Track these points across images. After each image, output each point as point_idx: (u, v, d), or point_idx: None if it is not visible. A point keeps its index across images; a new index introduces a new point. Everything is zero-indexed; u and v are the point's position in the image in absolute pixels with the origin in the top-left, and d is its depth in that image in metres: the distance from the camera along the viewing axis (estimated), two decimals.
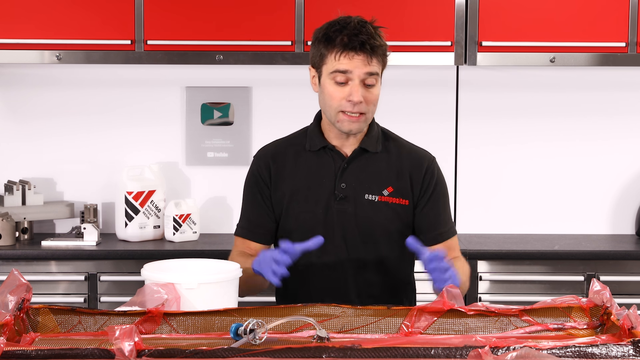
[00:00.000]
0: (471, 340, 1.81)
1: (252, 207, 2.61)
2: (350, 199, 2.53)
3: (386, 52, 2.48)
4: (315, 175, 2.56)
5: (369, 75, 2.43)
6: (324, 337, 1.85)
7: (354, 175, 2.54)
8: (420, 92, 4.17)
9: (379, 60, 2.45)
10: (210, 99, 4.18)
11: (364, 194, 2.54)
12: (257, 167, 2.62)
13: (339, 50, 2.42)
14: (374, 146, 2.57)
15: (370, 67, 2.42)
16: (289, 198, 2.56)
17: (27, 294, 1.94)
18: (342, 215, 2.53)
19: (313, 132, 2.59)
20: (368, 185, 2.54)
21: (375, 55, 2.43)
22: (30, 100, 4.16)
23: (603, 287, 2.00)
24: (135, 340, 1.67)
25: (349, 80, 2.43)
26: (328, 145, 2.56)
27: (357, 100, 2.42)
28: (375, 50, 2.43)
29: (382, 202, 2.54)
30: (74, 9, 3.80)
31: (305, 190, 2.55)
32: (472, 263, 3.70)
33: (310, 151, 2.58)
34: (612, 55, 3.82)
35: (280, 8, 3.80)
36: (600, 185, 4.22)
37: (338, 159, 2.55)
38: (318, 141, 2.57)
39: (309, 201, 2.54)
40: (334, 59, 2.43)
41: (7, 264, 3.67)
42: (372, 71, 2.43)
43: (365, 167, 2.55)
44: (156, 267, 2.25)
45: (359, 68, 2.42)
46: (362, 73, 2.42)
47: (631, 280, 3.73)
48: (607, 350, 1.70)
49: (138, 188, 3.97)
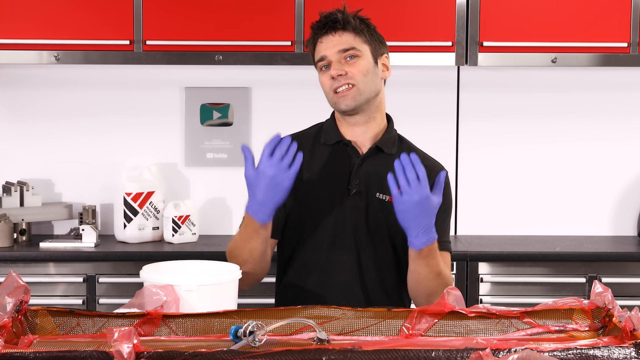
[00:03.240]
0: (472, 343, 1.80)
1: None
2: (362, 196, 2.54)
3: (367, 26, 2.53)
4: (329, 169, 2.57)
5: (343, 52, 2.49)
6: (324, 339, 1.84)
7: (368, 173, 2.56)
8: (421, 93, 4.17)
9: (356, 33, 2.50)
10: (210, 99, 4.18)
11: (376, 193, 2.55)
12: None
13: (315, 40, 2.53)
14: (390, 147, 2.59)
15: (342, 42, 2.49)
16: (302, 190, 2.56)
17: (25, 295, 1.93)
18: (354, 210, 2.54)
19: (329, 126, 2.62)
20: (380, 184, 2.55)
21: (346, 30, 2.50)
22: (28, 101, 4.15)
23: (605, 288, 2.00)
24: (134, 342, 1.66)
25: (330, 63, 2.51)
26: (344, 140, 2.58)
27: (335, 74, 2.48)
28: (347, 25, 2.50)
29: (392, 202, 2.52)
30: (72, 9, 3.79)
31: (318, 182, 2.57)
32: (473, 265, 3.69)
33: (325, 145, 2.60)
34: (614, 56, 3.82)
35: (280, 8, 3.79)
36: (602, 187, 4.22)
37: (353, 156, 2.57)
38: (334, 135, 2.59)
39: (321, 194, 2.56)
40: (316, 51, 2.53)
41: (5, 266, 3.66)
42: (346, 47, 2.49)
43: (379, 166, 2.56)
44: (155, 268, 2.25)
45: (331, 47, 2.50)
46: (334, 52, 2.49)
47: (633, 282, 3.72)
48: (609, 352, 1.69)
49: (137, 189, 3.96)
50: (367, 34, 2.52)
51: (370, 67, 2.51)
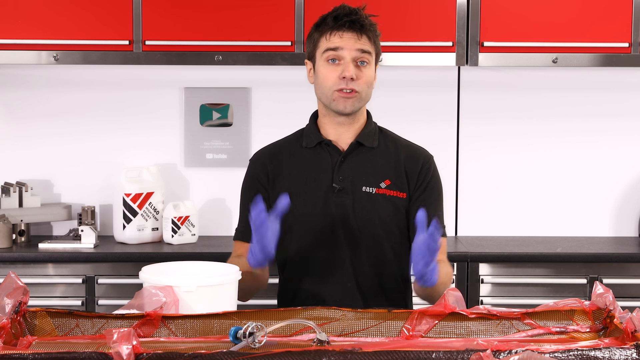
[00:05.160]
0: (473, 344, 1.79)
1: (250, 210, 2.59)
2: (348, 191, 2.54)
3: (377, 35, 2.52)
4: (312, 170, 2.58)
5: (360, 53, 2.48)
6: (323, 340, 1.84)
7: (351, 168, 2.56)
8: (421, 93, 4.16)
9: (370, 39, 2.50)
10: (209, 99, 4.17)
11: (362, 187, 2.55)
12: (254, 170, 2.64)
13: (330, 29, 2.49)
14: (371, 141, 2.59)
15: (361, 44, 2.48)
16: (288, 193, 2.54)
17: (24, 297, 1.92)
18: (341, 207, 2.54)
19: (309, 129, 2.62)
20: (365, 178, 2.56)
21: (365, 33, 2.48)
22: (27, 101, 4.14)
23: (606, 289, 1.99)
24: (134, 343, 1.66)
25: (341, 59, 2.48)
26: (324, 140, 2.59)
27: (349, 75, 2.46)
28: (365, 28, 2.48)
29: (380, 194, 2.55)
30: (72, 9, 3.79)
31: (303, 185, 2.57)
32: (474, 266, 3.68)
33: (306, 148, 2.60)
34: (615, 56, 3.81)
35: (279, 8, 3.79)
36: (603, 187, 4.21)
37: (335, 153, 2.57)
38: (314, 137, 2.60)
39: (307, 195, 2.56)
40: (326, 40, 2.49)
41: (4, 267, 3.66)
42: (364, 48, 2.48)
43: (362, 160, 2.57)
44: (154, 269, 2.25)
45: (350, 45, 2.47)
46: (353, 49, 2.47)
47: (634, 283, 3.71)
48: (609, 353, 1.69)
49: (136, 190, 3.95)
50: (377, 42, 2.53)
51: (373, 76, 2.53)
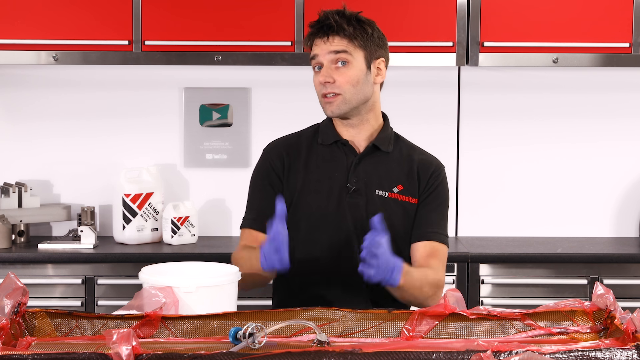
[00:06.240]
0: (473, 345, 1.79)
1: (263, 198, 2.61)
2: (361, 193, 2.56)
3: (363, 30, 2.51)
4: (327, 168, 2.59)
5: (334, 54, 2.49)
6: (324, 341, 1.84)
7: (366, 170, 2.58)
8: (422, 93, 4.16)
9: (346, 37, 2.49)
10: (209, 100, 4.16)
11: (375, 189, 2.57)
12: (269, 159, 2.64)
13: (308, 39, 2.55)
14: (386, 145, 2.60)
15: (333, 46, 2.49)
16: (300, 189, 2.58)
17: (23, 297, 1.92)
18: (354, 208, 2.55)
19: (326, 126, 2.63)
20: (379, 181, 2.57)
21: (337, 33, 2.49)
22: (26, 102, 4.14)
23: (606, 290, 1.99)
24: (133, 344, 1.66)
25: (322, 64, 2.51)
26: (341, 139, 2.60)
27: (323, 80, 2.50)
28: (335, 28, 2.49)
29: (392, 198, 2.57)
30: (71, 9, 3.78)
31: (316, 182, 2.58)
32: (474, 266, 3.68)
33: (322, 145, 2.61)
34: (616, 56, 3.81)
35: (279, 8, 3.78)
36: (603, 188, 4.21)
37: (350, 154, 2.59)
38: (331, 135, 2.61)
39: (320, 193, 2.57)
40: (310, 49, 2.55)
41: (3, 267, 3.65)
42: (337, 49, 2.49)
43: (377, 164, 2.59)
44: (154, 270, 2.25)
45: (323, 49, 2.50)
46: (325, 53, 2.50)
47: (635, 284, 3.71)
48: (610, 354, 1.69)
49: (136, 190, 3.94)
50: (362, 38, 2.51)
51: (360, 75, 2.51)
